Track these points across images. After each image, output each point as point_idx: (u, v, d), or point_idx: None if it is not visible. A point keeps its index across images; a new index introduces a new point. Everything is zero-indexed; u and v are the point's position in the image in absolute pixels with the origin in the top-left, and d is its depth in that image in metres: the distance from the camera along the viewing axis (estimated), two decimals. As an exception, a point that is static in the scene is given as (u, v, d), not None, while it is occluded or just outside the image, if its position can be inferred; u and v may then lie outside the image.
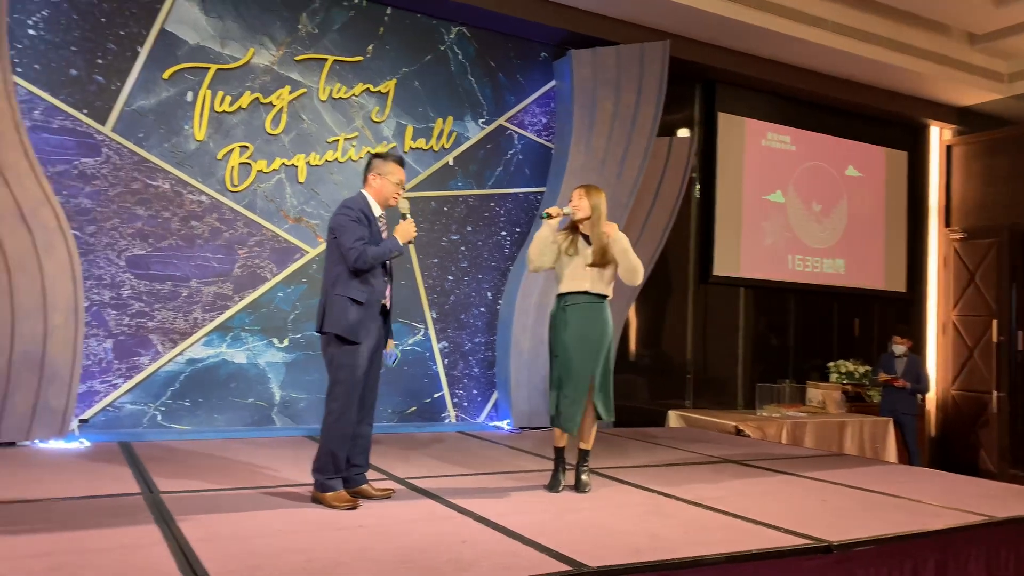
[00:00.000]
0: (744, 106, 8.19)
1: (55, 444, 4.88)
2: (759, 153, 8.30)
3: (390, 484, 4.04)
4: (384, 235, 3.76)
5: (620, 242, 4.06)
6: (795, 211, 8.52)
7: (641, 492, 4.15)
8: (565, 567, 2.78)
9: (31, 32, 5.15)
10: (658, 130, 6.95)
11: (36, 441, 4.87)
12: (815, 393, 7.84)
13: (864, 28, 7.54)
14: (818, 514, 3.76)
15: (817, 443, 6.78)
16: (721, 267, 7.96)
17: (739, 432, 6.63)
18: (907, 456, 7.25)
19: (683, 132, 7.82)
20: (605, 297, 4.11)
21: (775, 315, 8.49)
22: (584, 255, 4.07)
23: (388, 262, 3.78)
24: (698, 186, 7.98)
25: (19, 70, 5.08)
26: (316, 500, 3.61)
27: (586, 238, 4.11)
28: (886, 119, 9.04)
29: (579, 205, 4.09)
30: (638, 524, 3.44)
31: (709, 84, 7.98)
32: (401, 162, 3.84)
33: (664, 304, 7.80)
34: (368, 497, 3.72)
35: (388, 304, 3.80)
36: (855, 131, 8.95)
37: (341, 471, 3.64)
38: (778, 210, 8.41)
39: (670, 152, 7.29)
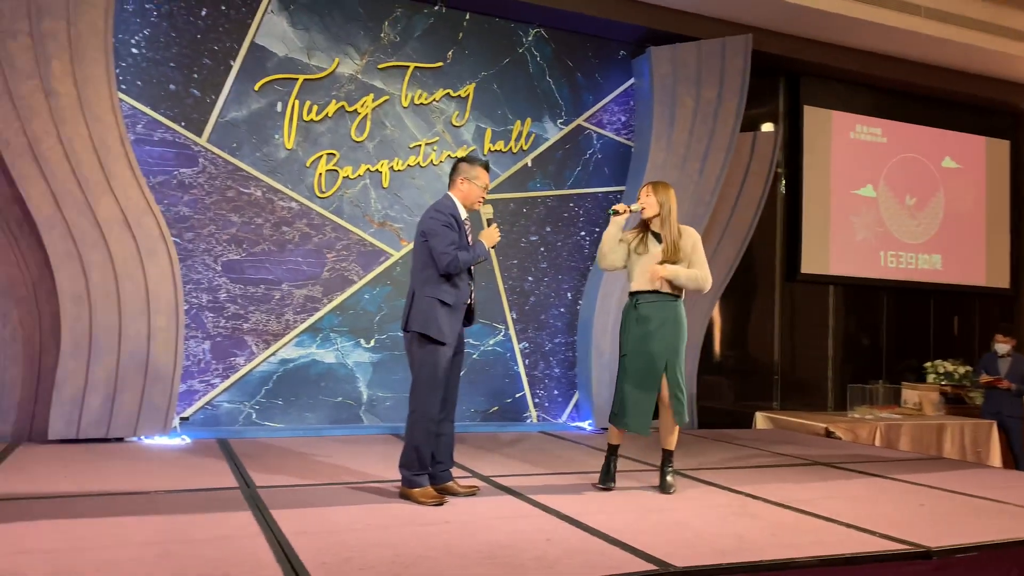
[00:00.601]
0: (831, 98, 7.94)
1: (159, 440, 5.15)
2: (848, 146, 8.03)
3: (475, 482, 4.10)
4: (469, 237, 3.84)
5: (679, 273, 3.97)
6: (887, 205, 8.20)
7: (727, 493, 4.08)
8: (651, 567, 2.76)
9: (134, 51, 5.46)
10: (741, 125, 6.82)
11: (142, 437, 5.15)
12: (911, 394, 7.52)
13: (959, 12, 7.20)
14: (916, 518, 3.61)
15: (913, 446, 6.51)
16: (809, 264, 7.74)
17: (829, 434, 6.43)
18: (1013, 461, 6.88)
19: (767, 127, 7.64)
20: (678, 296, 4.05)
21: (867, 314, 8.19)
22: (654, 253, 4.02)
23: (474, 273, 3.87)
24: (783, 181, 7.78)
25: (123, 87, 5.39)
26: (404, 496, 3.70)
27: (656, 236, 4.06)
28: (986, 107, 8.61)
29: (647, 202, 4.03)
30: (724, 525, 3.39)
31: (793, 77, 7.77)
32: (487, 167, 3.92)
33: (749, 303, 7.63)
34: (454, 494, 3.78)
35: (472, 303, 3.88)
36: (952, 120, 8.55)
37: (427, 467, 3.71)
38: (869, 205, 8.11)
39: (754, 148, 7.14)
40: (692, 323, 6.84)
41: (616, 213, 4.07)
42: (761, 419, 7.23)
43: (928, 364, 8.11)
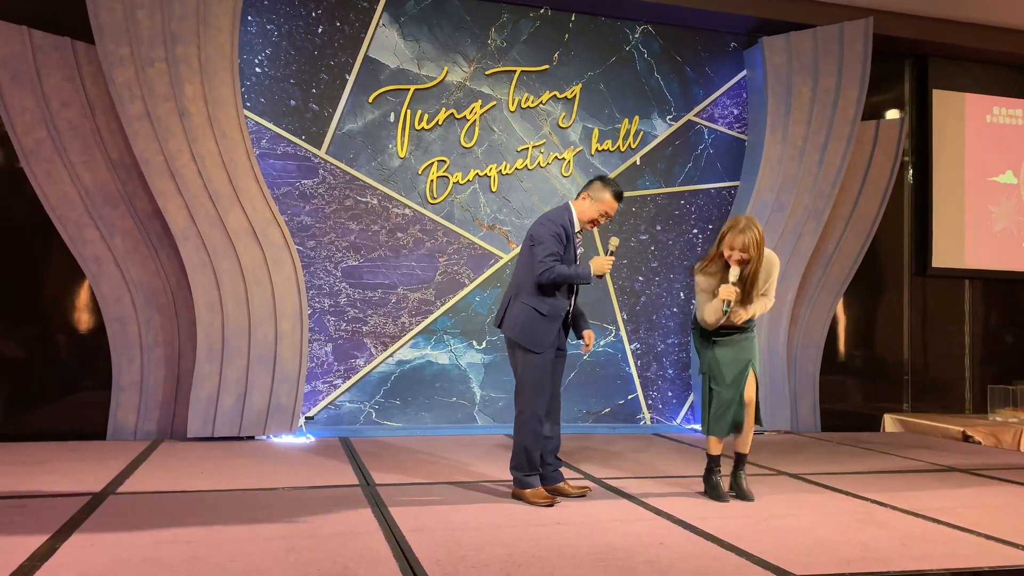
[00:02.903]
0: (963, 80, 7.44)
1: (286, 439, 5.42)
2: (983, 130, 7.50)
3: (586, 483, 4.10)
4: (578, 251, 3.82)
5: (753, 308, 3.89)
6: (1030, 192, 7.61)
7: (852, 500, 3.90)
8: (768, 574, 2.69)
9: (257, 70, 5.78)
10: (863, 113, 6.51)
11: (270, 436, 5.44)
12: (1062, 396, 6.94)
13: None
14: (1065, 532, 3.34)
15: (1065, 452, 6.00)
16: (941, 258, 7.28)
17: (967, 438, 6.03)
18: None
19: (892, 114, 7.24)
20: (751, 325, 3.97)
21: (1009, 309, 7.62)
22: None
23: (576, 285, 3.82)
24: (911, 171, 7.35)
25: (248, 104, 5.71)
26: (516, 496, 3.75)
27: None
28: None
29: (743, 258, 3.76)
30: (848, 533, 3.25)
31: (920, 59, 7.33)
32: (619, 197, 3.81)
33: (876, 300, 7.25)
34: (565, 495, 3.80)
35: (570, 315, 3.86)
36: (1105, 97, 7.82)
37: (536, 468, 3.75)
38: (1009, 192, 7.55)
39: (877, 136, 6.79)
40: (814, 320, 6.64)
41: (730, 304, 3.81)
42: (890, 422, 6.87)
43: (1082, 363, 7.47)
